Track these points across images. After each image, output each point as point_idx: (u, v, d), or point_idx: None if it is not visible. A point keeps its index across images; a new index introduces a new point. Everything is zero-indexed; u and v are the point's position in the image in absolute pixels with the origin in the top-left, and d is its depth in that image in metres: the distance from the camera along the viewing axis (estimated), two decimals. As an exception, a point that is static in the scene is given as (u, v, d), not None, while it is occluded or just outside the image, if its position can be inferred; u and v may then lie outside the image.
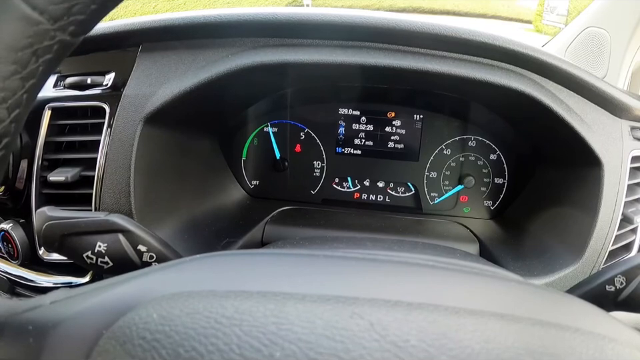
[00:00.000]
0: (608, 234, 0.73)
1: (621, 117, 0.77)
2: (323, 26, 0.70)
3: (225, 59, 0.70)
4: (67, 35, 0.28)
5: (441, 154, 0.99)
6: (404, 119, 0.99)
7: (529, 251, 0.82)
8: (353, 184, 1.04)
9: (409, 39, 0.70)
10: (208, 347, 0.24)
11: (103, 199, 0.70)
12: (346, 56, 0.70)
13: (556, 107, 0.71)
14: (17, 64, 0.27)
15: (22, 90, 0.28)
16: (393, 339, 0.24)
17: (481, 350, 0.24)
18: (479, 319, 0.26)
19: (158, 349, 0.24)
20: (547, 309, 0.30)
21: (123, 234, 0.47)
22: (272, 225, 0.93)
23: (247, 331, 0.24)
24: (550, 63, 0.70)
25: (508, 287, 0.33)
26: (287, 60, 0.70)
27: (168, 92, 0.70)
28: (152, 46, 0.74)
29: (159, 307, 0.26)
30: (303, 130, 1.01)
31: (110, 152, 0.70)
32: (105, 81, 0.75)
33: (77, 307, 0.29)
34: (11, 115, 0.28)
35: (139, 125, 0.69)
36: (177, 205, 0.81)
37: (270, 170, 1.03)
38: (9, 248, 0.75)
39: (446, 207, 1.02)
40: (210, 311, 0.25)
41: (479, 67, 0.71)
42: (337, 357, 0.23)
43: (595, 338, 0.27)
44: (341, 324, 0.24)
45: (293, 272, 0.31)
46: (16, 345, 0.28)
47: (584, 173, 0.77)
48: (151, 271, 0.32)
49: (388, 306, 0.26)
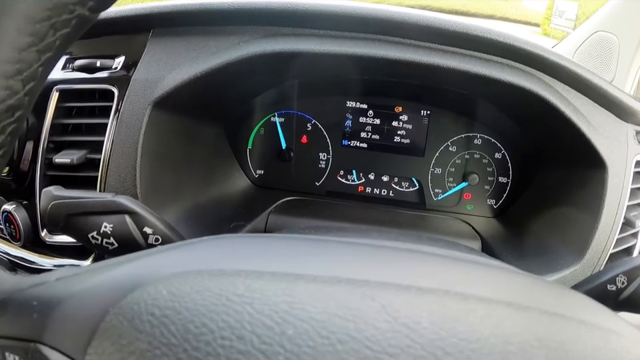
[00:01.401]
0: (609, 236, 0.73)
1: (627, 121, 0.77)
2: (335, 17, 0.70)
3: (237, 46, 0.70)
4: (86, 9, 0.28)
5: (447, 150, 0.99)
6: (411, 114, 0.99)
7: (530, 250, 0.82)
8: (358, 177, 1.04)
9: (419, 33, 0.70)
10: (219, 324, 0.24)
11: (108, 182, 0.70)
12: (357, 47, 0.70)
13: (563, 108, 0.71)
14: (34, 36, 0.27)
15: (38, 63, 0.28)
16: (404, 321, 0.24)
17: (490, 334, 0.24)
18: (488, 305, 0.26)
19: (167, 324, 0.24)
20: (554, 301, 0.30)
21: (129, 215, 0.47)
22: (276, 214, 0.93)
23: (259, 308, 0.24)
24: (559, 64, 0.70)
25: (515, 277, 0.33)
26: (298, 49, 0.70)
27: (178, 77, 0.69)
28: (163, 31, 0.74)
29: (168, 284, 0.26)
30: (310, 121, 1.01)
31: (117, 135, 0.70)
32: (114, 64, 0.74)
33: (82, 284, 0.29)
34: (25, 88, 0.28)
35: (148, 109, 0.69)
36: (181, 191, 0.81)
37: (275, 160, 1.03)
38: (11, 229, 0.74)
39: (449, 203, 1.02)
40: (221, 289, 0.25)
41: (488, 64, 0.71)
42: (349, 337, 0.23)
43: (600, 329, 0.27)
44: (353, 305, 0.24)
45: (304, 254, 0.31)
46: (20, 320, 0.28)
47: (588, 175, 0.77)
48: (158, 250, 0.32)
49: (399, 289, 0.26)
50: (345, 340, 0.23)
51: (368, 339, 0.23)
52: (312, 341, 0.23)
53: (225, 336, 0.23)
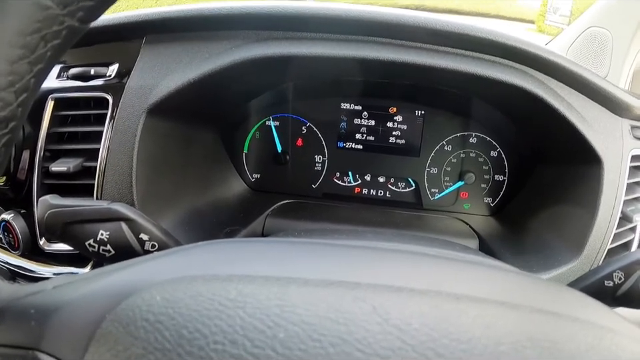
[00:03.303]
0: (607, 232, 0.73)
1: (622, 116, 0.77)
2: (327, 19, 0.70)
3: (229, 51, 0.70)
4: (76, 20, 0.29)
5: (442, 150, 1.00)
6: (405, 115, 0.99)
7: (528, 247, 0.82)
8: (354, 178, 1.04)
9: (411, 33, 0.70)
10: (212, 328, 0.24)
11: (104, 189, 0.70)
12: (349, 50, 0.70)
13: (557, 105, 0.71)
14: (25, 48, 0.27)
15: (29, 74, 0.28)
16: (395, 322, 0.24)
17: (482, 335, 0.24)
18: (480, 305, 0.26)
19: (161, 330, 0.24)
20: (547, 299, 0.30)
21: (125, 222, 0.47)
22: (273, 218, 0.93)
23: (251, 312, 0.24)
24: (552, 61, 0.70)
25: (508, 276, 0.33)
26: (290, 53, 0.70)
27: (171, 83, 0.70)
28: (156, 38, 0.74)
29: (162, 290, 0.27)
30: (305, 124, 1.01)
31: (112, 143, 0.70)
32: (108, 72, 0.75)
33: (79, 291, 0.29)
34: (18, 99, 0.28)
35: (142, 116, 0.69)
36: (178, 197, 0.81)
37: (271, 163, 1.03)
38: (10, 238, 0.75)
39: (446, 202, 1.02)
40: (213, 294, 0.26)
41: (481, 63, 0.71)
42: (340, 339, 0.23)
43: (594, 327, 0.27)
44: (344, 307, 0.25)
45: (296, 258, 0.31)
46: (18, 329, 0.28)
47: (584, 171, 0.77)
48: (153, 257, 0.32)
49: (390, 291, 0.26)
50: (336, 343, 0.23)
51: (359, 342, 0.23)
52: (303, 344, 0.23)
53: (218, 340, 0.23)
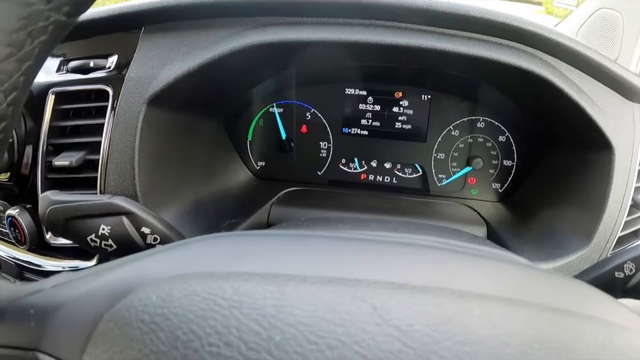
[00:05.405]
0: (617, 219, 0.71)
1: (633, 100, 0.74)
2: (326, 4, 0.68)
3: (227, 39, 0.69)
4: (62, 15, 0.28)
5: (449, 135, 0.98)
6: (411, 99, 0.98)
7: (536, 234, 0.81)
8: (360, 165, 1.03)
9: (415, 16, 0.68)
10: (206, 330, 0.23)
11: (108, 182, 0.70)
12: (350, 34, 0.69)
13: (567, 88, 0.69)
14: (11, 46, 0.26)
15: (18, 73, 0.28)
16: (395, 323, 0.23)
17: (488, 336, 0.23)
18: (486, 303, 0.25)
19: (156, 331, 0.24)
20: (556, 295, 0.29)
21: (126, 216, 0.47)
22: (278, 206, 0.93)
23: (246, 313, 0.24)
24: (561, 43, 0.68)
25: (516, 270, 0.32)
26: (290, 38, 0.68)
27: (171, 73, 0.69)
28: (154, 27, 0.74)
29: (158, 289, 0.26)
30: (309, 110, 1.00)
31: (114, 135, 0.70)
32: (107, 63, 0.74)
33: (77, 290, 0.29)
34: (7, 98, 0.28)
35: (143, 107, 0.69)
36: (182, 187, 0.81)
37: (276, 151, 1.02)
38: (17, 233, 0.75)
39: (453, 188, 1.01)
40: (209, 293, 0.25)
41: (488, 46, 0.69)
42: (337, 341, 0.22)
43: (604, 325, 0.26)
44: (343, 307, 0.24)
45: (294, 253, 0.31)
46: (18, 329, 0.28)
47: (594, 157, 0.75)
48: (150, 253, 0.32)
49: (391, 289, 0.25)
50: (334, 345, 0.22)
51: (357, 344, 0.22)
52: (300, 347, 0.22)
53: (213, 342, 0.23)
